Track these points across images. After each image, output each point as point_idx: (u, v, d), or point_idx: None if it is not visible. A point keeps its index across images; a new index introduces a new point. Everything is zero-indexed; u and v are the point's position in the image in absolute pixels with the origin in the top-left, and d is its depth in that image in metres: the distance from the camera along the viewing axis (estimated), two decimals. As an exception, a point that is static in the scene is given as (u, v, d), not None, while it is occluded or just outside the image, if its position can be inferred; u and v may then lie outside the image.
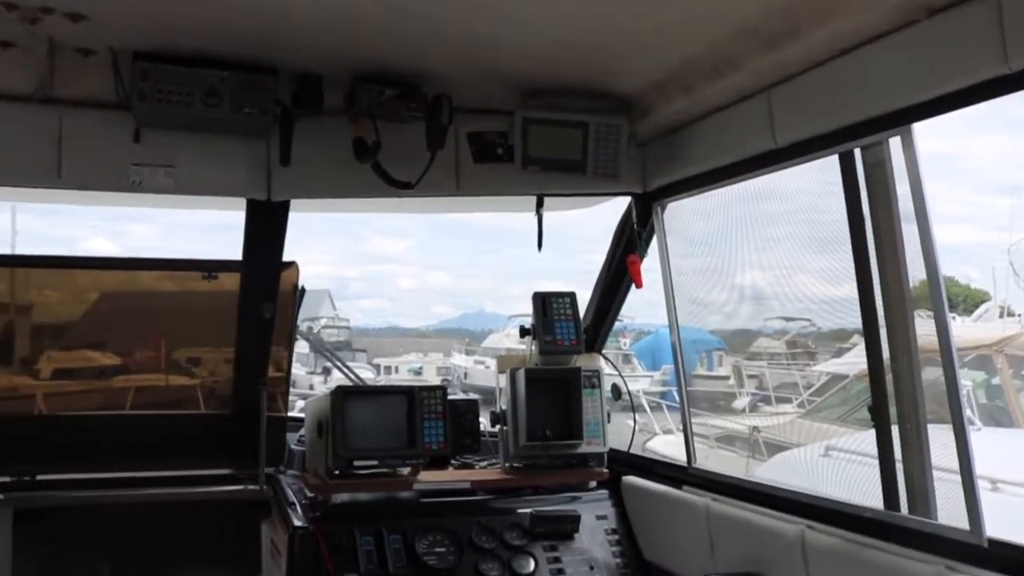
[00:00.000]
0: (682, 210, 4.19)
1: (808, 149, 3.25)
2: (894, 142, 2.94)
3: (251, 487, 4.27)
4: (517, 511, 4.20)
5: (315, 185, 4.01)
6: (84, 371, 4.57)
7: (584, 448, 4.24)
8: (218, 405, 4.60)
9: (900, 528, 3.02)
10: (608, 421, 4.36)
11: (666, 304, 4.26)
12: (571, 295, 4.35)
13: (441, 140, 3.76)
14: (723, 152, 3.66)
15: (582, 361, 4.37)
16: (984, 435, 8.63)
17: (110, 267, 4.37)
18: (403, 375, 34.88)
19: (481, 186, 4.11)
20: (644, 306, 4.31)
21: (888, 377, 3.16)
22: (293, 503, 3.97)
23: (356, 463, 3.98)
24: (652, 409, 14.97)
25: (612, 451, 4.39)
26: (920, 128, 2.83)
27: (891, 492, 3.15)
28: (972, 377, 10.47)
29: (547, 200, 4.20)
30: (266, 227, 4.13)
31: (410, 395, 4.08)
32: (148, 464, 4.33)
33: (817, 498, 3.44)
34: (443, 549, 3.98)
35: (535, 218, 4.22)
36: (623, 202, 4.39)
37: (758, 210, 3.96)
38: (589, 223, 4.62)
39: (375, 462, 4.02)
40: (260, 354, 4.32)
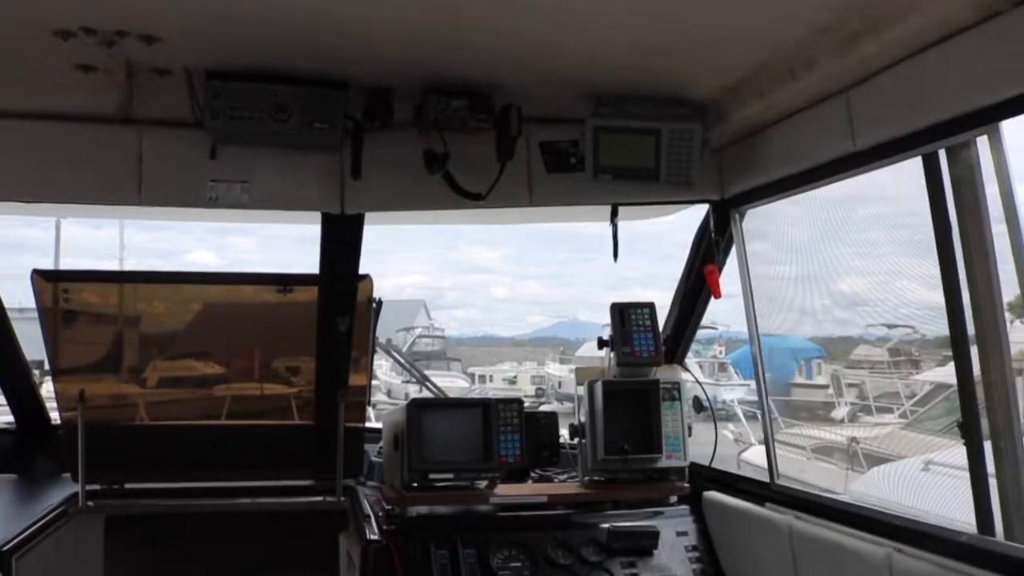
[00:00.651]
0: (775, 216, 4.06)
1: (889, 151, 3.10)
2: (981, 141, 2.79)
3: (329, 499, 4.30)
4: (595, 526, 4.12)
5: (387, 197, 4.03)
6: (187, 380, 4.67)
7: (664, 462, 4.14)
8: (303, 416, 4.65)
9: (995, 555, 2.84)
10: (689, 434, 4.24)
11: (746, 314, 4.13)
12: (650, 305, 4.25)
13: (511, 150, 3.73)
14: (801, 157, 3.53)
15: (662, 373, 4.27)
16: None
17: (183, 281, 4.46)
18: (497, 384, 35.00)
19: (554, 196, 4.06)
20: (741, 314, 4.18)
21: (980, 389, 2.98)
22: (368, 515, 3.97)
23: (432, 476, 3.98)
24: (748, 419, 14.65)
25: (693, 465, 4.27)
26: (1009, 126, 2.67)
27: (984, 514, 2.96)
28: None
29: (623, 209, 4.12)
30: (341, 240, 4.17)
31: (486, 408, 4.07)
32: (234, 474, 4.40)
33: (906, 520, 3.27)
34: (518, 564, 3.93)
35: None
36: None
37: (856, 214, 3.82)
38: (686, 229, 4.52)
39: (451, 475, 4.01)
40: (339, 365, 4.35)
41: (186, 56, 3.34)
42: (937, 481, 6.48)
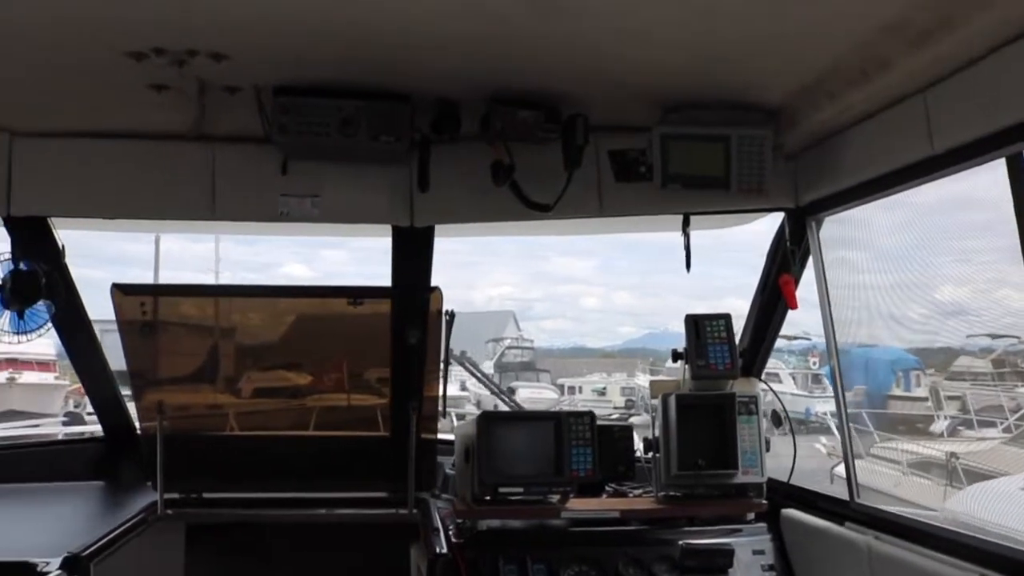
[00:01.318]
0: (866, 224, 3.92)
1: (970, 154, 2.94)
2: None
3: (402, 511, 4.31)
4: (668, 543, 4.02)
5: (456, 209, 4.04)
6: (271, 391, 4.75)
7: (740, 478, 4.02)
8: (379, 428, 4.68)
9: None
10: (767, 449, 4.12)
11: (823, 325, 3.99)
12: (726, 317, 4.14)
13: (578, 160, 3.69)
14: (877, 161, 3.39)
15: (738, 386, 4.15)
16: None
17: (256, 295, 4.53)
18: (587, 395, 34.83)
19: (624, 206, 4.01)
20: (836, 326, 4.05)
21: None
22: (437, 528, 3.96)
23: (502, 489, 3.94)
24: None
25: (771, 481, 4.14)
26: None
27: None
28: None
29: (695, 218, 4.04)
30: (412, 252, 4.19)
31: (557, 421, 4.01)
32: (311, 485, 4.46)
33: (997, 544, 3.08)
34: (588, 580, 3.86)
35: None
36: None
37: (955, 221, 3.66)
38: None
39: (521, 489, 3.97)
40: (411, 377, 4.36)
41: (254, 73, 3.39)
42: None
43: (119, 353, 4.27)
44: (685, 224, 4.04)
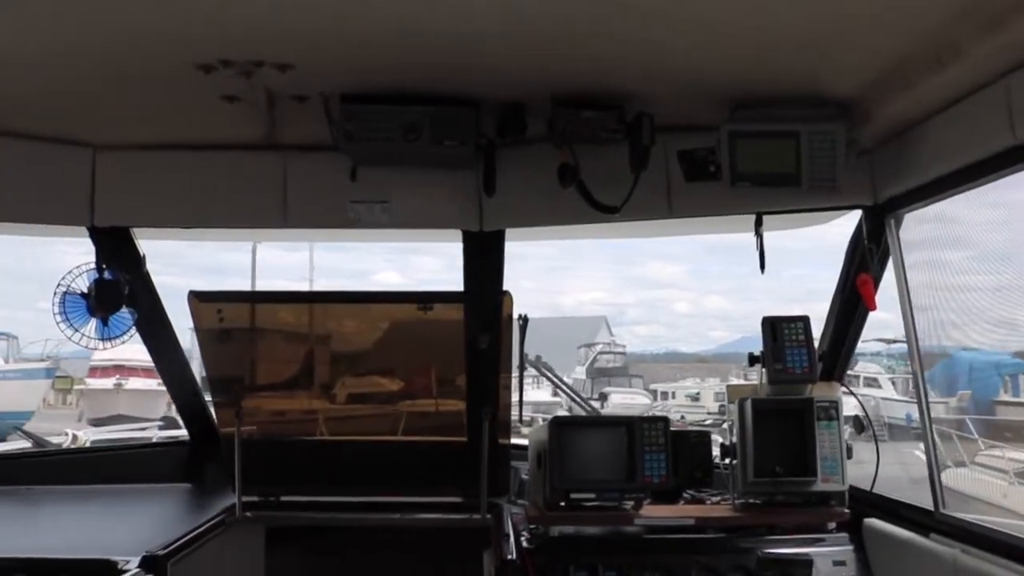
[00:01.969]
0: (966, 222, 3.75)
1: None
2: None
3: (475, 516, 4.30)
4: (745, 552, 3.92)
5: (524, 213, 4.03)
6: (370, 396, 4.82)
7: (820, 485, 3.90)
8: (457, 433, 4.69)
9: None
10: (849, 456, 3.98)
11: (904, 327, 3.83)
12: (804, 319, 4.02)
13: (644, 160, 3.63)
14: (957, 154, 3.23)
15: (819, 391, 4.03)
16: None
17: (328, 301, 4.60)
18: (680, 401, 34.45)
19: (694, 207, 3.94)
20: (932, 327, 3.90)
21: None
22: (508, 534, 3.94)
23: (573, 495, 3.91)
24: (944, 439, 13.73)
25: (854, 490, 4.00)
26: None
27: None
28: None
29: (769, 219, 3.93)
30: (482, 257, 4.19)
31: (629, 426, 3.96)
32: (390, 490, 4.49)
33: None
34: (660, 588, 3.79)
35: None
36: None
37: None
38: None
39: (593, 494, 3.93)
40: (485, 382, 4.35)
41: (320, 82, 3.44)
42: None
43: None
44: (758, 224, 3.94)
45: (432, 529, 4.53)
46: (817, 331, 4.13)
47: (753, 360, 4.10)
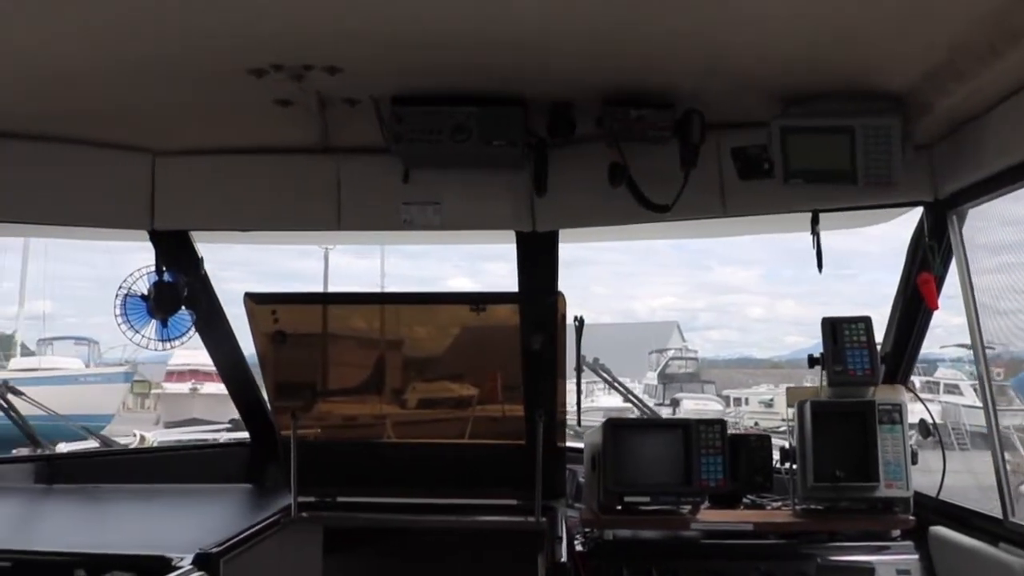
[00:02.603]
0: None
1: None
2: None
3: (530, 519, 4.28)
4: (804, 558, 3.82)
5: (577, 213, 4.00)
6: (442, 401, 4.82)
7: (883, 491, 3.78)
8: (515, 436, 4.67)
9: None
10: (914, 462, 3.85)
11: (969, 327, 3.70)
12: (866, 320, 3.91)
13: (694, 159, 3.57)
14: (1019, 146, 3.11)
15: (882, 394, 3.92)
16: None
17: (384, 302, 4.61)
18: (753, 407, 33.90)
19: (748, 205, 3.86)
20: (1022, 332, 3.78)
21: None
22: (560, 537, 3.91)
23: (627, 499, 3.87)
24: (1026, 447, 13.23)
25: (919, 496, 3.87)
26: None
27: None
28: None
29: (827, 218, 3.84)
30: (536, 258, 4.16)
31: (686, 429, 3.91)
32: (446, 492, 4.49)
33: None
34: (715, 594, 3.72)
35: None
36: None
37: None
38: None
39: (647, 498, 3.88)
40: (539, 385, 4.33)
41: (370, 84, 3.46)
42: None
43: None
44: (814, 222, 3.84)
45: (487, 531, 4.51)
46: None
47: (813, 362, 3.99)
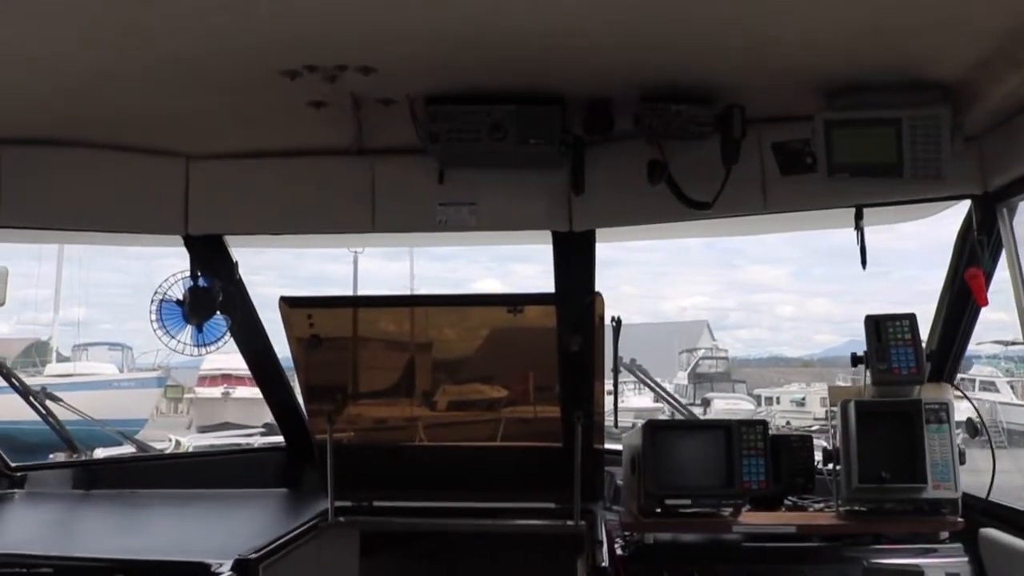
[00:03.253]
0: None
1: None
2: None
3: (568, 522, 4.23)
4: (850, 561, 3.74)
5: (615, 212, 3.95)
6: (472, 403, 4.81)
7: (930, 492, 3.69)
8: (552, 438, 4.63)
9: None
10: (962, 462, 3.77)
11: (1020, 323, 3.60)
12: (910, 317, 3.83)
13: (735, 155, 3.51)
14: None
15: (927, 392, 3.83)
16: None
17: (417, 304, 4.58)
18: (785, 406, 33.69)
19: (790, 201, 3.78)
20: None
21: None
22: (600, 541, 3.86)
23: (668, 502, 3.80)
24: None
25: (967, 497, 3.78)
26: None
27: None
28: None
29: (870, 213, 3.76)
30: (573, 258, 4.12)
31: (727, 430, 3.85)
32: (484, 495, 4.45)
33: None
34: (759, 598, 3.65)
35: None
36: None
37: None
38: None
39: (688, 501, 3.81)
40: (577, 386, 4.28)
41: (405, 84, 3.43)
42: None
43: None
44: (858, 217, 3.76)
45: (525, 535, 4.47)
46: (925, 331, 3.94)
47: (856, 360, 3.92)
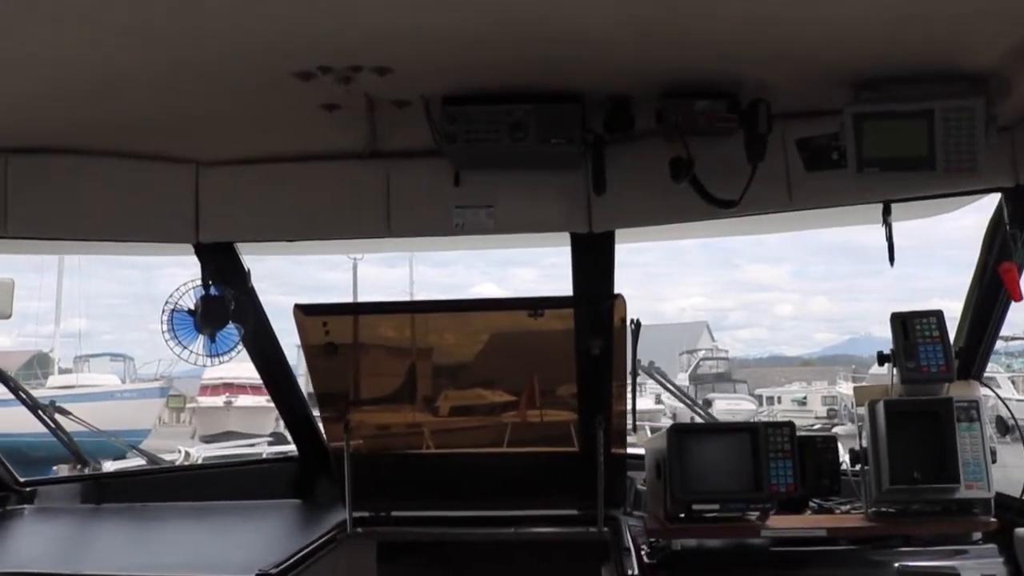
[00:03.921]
0: None
1: None
2: None
3: (591, 529, 4.15)
4: (882, 565, 3.68)
5: (636, 212, 3.87)
6: (475, 408, 4.73)
7: (963, 492, 3.62)
8: (567, 443, 4.56)
9: None
10: (993, 460, 3.70)
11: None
12: (937, 313, 3.77)
13: (761, 151, 3.43)
14: None
15: (955, 390, 3.76)
16: None
17: (433, 310, 4.50)
18: (786, 405, 33.75)
19: (816, 197, 3.70)
20: None
21: None
22: (628, 548, 3.78)
23: (696, 507, 3.75)
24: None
25: (1000, 496, 3.71)
26: None
27: None
28: None
29: (896, 208, 3.68)
30: (592, 260, 4.05)
31: (753, 432, 3.79)
32: (500, 503, 4.38)
33: None
34: (792, 604, 3.58)
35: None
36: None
37: None
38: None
39: (716, 506, 3.75)
40: (597, 390, 4.21)
41: (420, 84, 3.35)
42: None
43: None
44: (886, 213, 3.69)
45: (547, 543, 4.40)
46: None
47: (883, 359, 3.84)
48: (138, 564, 3.58)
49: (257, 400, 24.87)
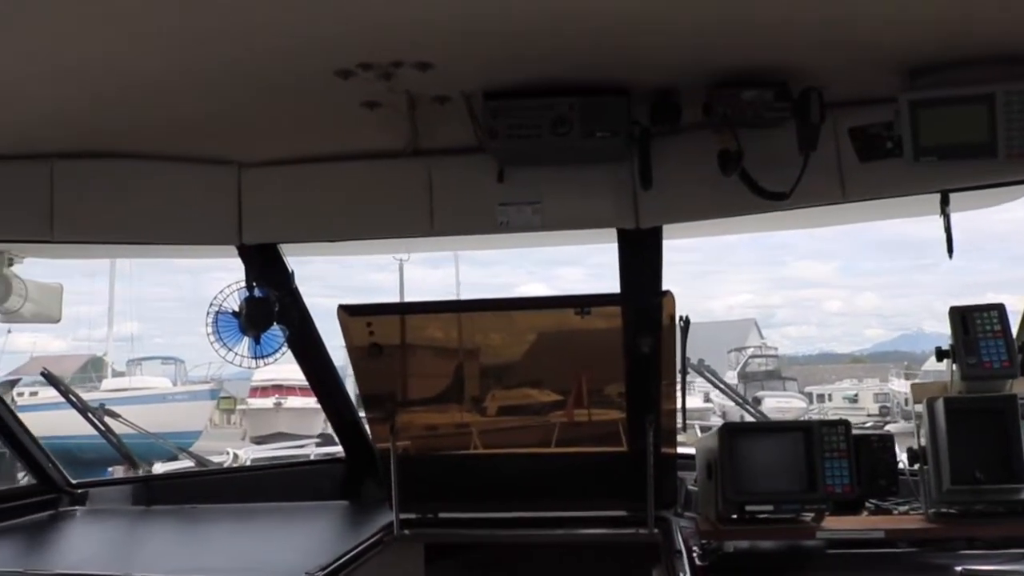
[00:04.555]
0: None
1: None
2: None
3: (641, 531, 4.08)
4: (943, 568, 3.54)
5: (683, 207, 3.78)
6: (522, 408, 4.68)
7: (1029, 493, 3.50)
8: (615, 443, 4.49)
9: None
10: (1059, 459, 3.56)
11: None
12: (999, 307, 3.63)
13: (813, 141, 3.33)
14: None
15: (1020, 387, 3.63)
16: None
17: (477, 309, 4.46)
18: (837, 403, 33.32)
19: (871, 189, 3.59)
20: None
21: None
22: (680, 551, 3.70)
23: (749, 508, 3.66)
24: None
25: (1070, 497, 3.57)
26: None
27: None
28: None
29: (954, 198, 3.56)
30: (640, 256, 3.98)
31: (807, 432, 3.69)
32: (549, 504, 4.34)
33: None
34: (851, 608, 3.48)
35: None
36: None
37: None
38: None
39: (770, 507, 3.66)
40: (647, 389, 4.14)
41: (462, 80, 3.30)
42: None
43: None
44: (944, 203, 3.57)
45: (596, 544, 4.34)
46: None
47: (941, 355, 3.72)
48: (186, 567, 3.58)
49: (306, 401, 25.11)
